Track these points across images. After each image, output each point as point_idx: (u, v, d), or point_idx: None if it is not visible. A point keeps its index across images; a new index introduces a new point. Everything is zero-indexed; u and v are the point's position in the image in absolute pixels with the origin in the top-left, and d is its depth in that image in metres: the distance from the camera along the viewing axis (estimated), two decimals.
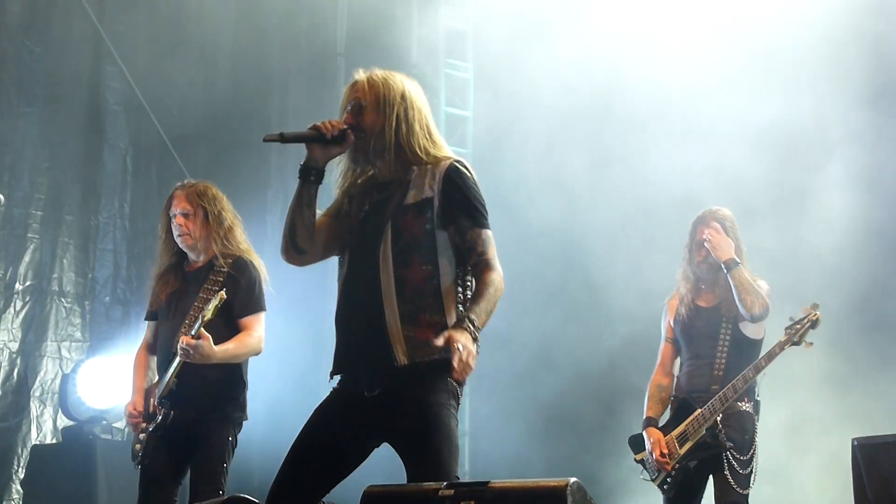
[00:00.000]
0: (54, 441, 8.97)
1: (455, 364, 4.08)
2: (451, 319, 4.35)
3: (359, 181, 4.64)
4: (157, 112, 9.99)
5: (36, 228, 9.09)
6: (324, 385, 4.57)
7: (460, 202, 4.42)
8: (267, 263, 6.21)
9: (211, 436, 6.25)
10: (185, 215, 6.44)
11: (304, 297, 10.62)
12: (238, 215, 6.70)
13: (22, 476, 8.69)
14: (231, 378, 6.36)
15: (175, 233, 6.44)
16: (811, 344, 6.65)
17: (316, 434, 4.44)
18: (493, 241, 4.44)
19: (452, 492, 3.83)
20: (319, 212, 4.64)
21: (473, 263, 4.42)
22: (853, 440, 5.56)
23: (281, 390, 10.02)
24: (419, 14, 11.78)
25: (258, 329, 6.44)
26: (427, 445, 4.27)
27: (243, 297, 6.36)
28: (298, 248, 4.61)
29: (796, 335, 6.62)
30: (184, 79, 10.29)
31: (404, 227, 4.38)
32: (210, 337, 6.02)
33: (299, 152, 4.58)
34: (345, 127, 4.48)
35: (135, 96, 9.84)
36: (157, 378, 6.44)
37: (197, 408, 6.23)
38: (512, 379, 10.91)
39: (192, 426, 6.24)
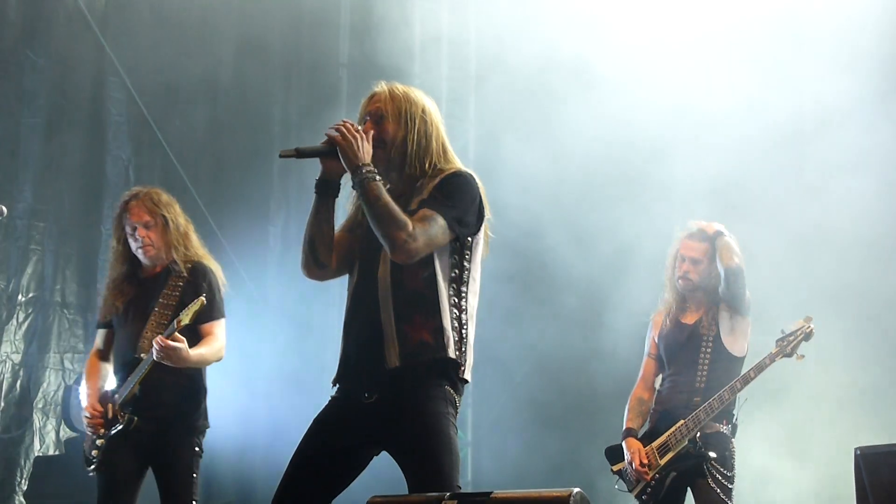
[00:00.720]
0: (57, 452, 8.97)
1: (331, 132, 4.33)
2: (447, 321, 4.39)
3: None
4: (159, 123, 10.00)
5: (38, 240, 9.09)
6: (325, 394, 4.58)
7: (436, 191, 4.45)
8: (270, 273, 6.22)
9: (178, 447, 6.22)
10: (146, 226, 6.39)
11: (305, 308, 10.65)
12: (189, 218, 6.64)
13: (25, 488, 8.68)
14: (193, 386, 6.33)
15: (135, 245, 6.39)
16: (803, 356, 6.67)
17: (315, 443, 4.46)
18: (436, 227, 4.35)
19: (455, 502, 3.83)
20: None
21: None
22: (856, 449, 5.55)
23: (282, 400, 10.01)
24: (422, 27, 11.79)
25: (221, 335, 6.41)
26: (427, 455, 4.29)
27: (205, 303, 6.26)
28: (319, 263, 4.61)
29: (788, 347, 6.64)
30: (186, 90, 10.30)
31: None
32: (185, 340, 6.00)
33: (299, 165, 4.61)
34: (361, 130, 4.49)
35: (137, 108, 9.84)
36: (109, 385, 6.38)
37: (161, 416, 6.19)
38: (513, 389, 10.91)
39: (156, 436, 6.19)
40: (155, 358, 5.98)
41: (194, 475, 6.21)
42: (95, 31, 9.60)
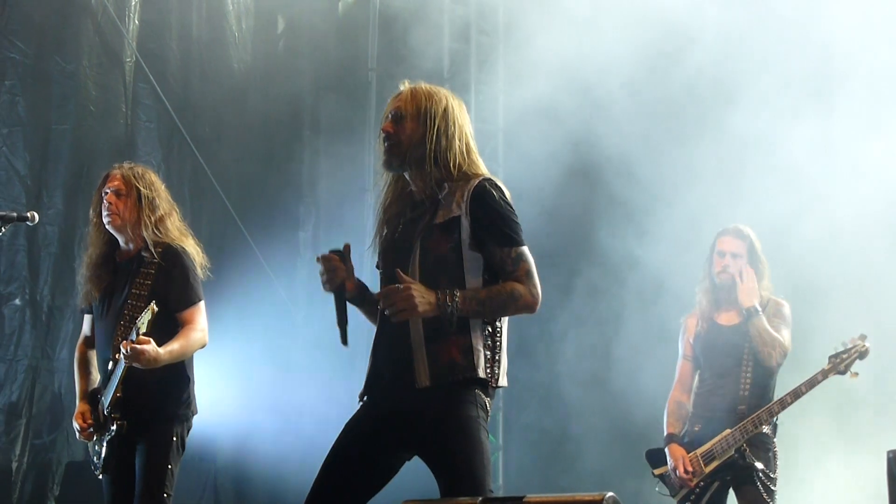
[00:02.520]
0: (88, 458, 8.97)
1: (381, 298, 4.28)
2: (477, 339, 4.36)
3: (396, 202, 4.62)
4: (189, 129, 10.01)
5: (69, 245, 9.11)
6: (356, 399, 4.58)
7: (487, 224, 4.40)
8: (300, 278, 6.10)
9: (154, 436, 5.99)
10: (117, 194, 6.19)
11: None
12: (176, 207, 6.42)
13: (57, 493, 8.70)
14: (172, 376, 6.06)
15: (104, 214, 6.19)
16: (857, 374, 6.64)
17: (347, 448, 4.45)
18: (528, 256, 4.42)
19: None
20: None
21: (505, 281, 4.41)
22: (888, 452, 5.52)
23: (314, 406, 10.01)
24: (450, 29, 11.79)
25: (200, 321, 6.14)
26: (459, 459, 4.27)
27: (178, 289, 6.09)
28: None
29: (842, 364, 6.63)
30: (216, 95, 10.32)
31: (432, 246, 4.38)
32: (152, 340, 5.77)
33: (330, 166, 4.60)
34: (334, 252, 4.55)
35: (167, 113, 9.86)
36: (99, 379, 6.25)
37: (141, 410, 5.98)
38: (546, 392, 10.88)
39: (135, 429, 5.99)
40: (124, 362, 5.81)
41: (169, 466, 5.97)
42: (125, 36, 9.63)
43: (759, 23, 9.82)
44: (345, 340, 4.46)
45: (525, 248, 4.42)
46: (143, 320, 5.74)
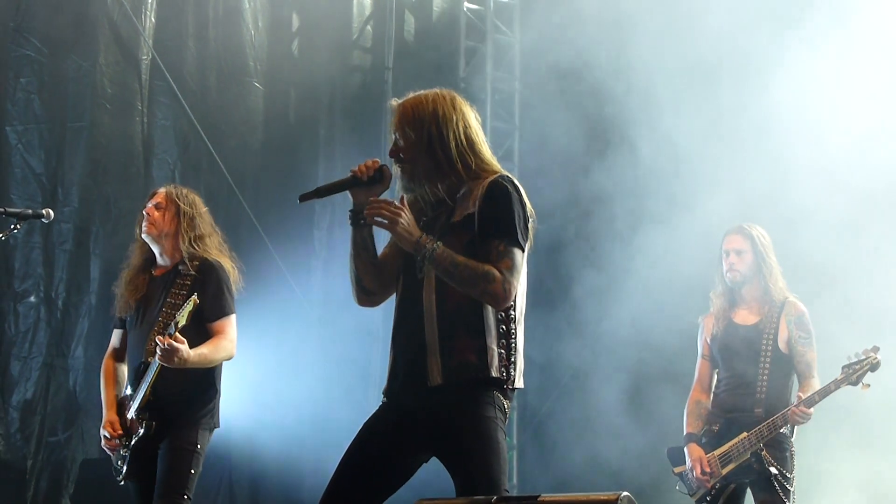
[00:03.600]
0: (103, 456, 8.98)
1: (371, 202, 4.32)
2: (491, 338, 4.34)
3: (416, 201, 4.59)
4: (204, 127, 10.01)
5: (84, 243, 9.11)
6: (374, 399, 4.57)
7: (491, 217, 4.36)
8: (315, 276, 6.10)
9: (177, 440, 6.08)
10: (157, 207, 6.33)
11: (351, 312, 10.63)
12: (218, 230, 6.56)
13: (71, 491, 8.71)
14: (202, 383, 6.19)
15: (143, 224, 6.33)
16: (868, 385, 6.63)
17: (365, 448, 4.44)
18: (518, 256, 4.34)
19: None
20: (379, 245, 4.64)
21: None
22: None
23: (330, 405, 10.00)
24: (467, 28, 11.78)
25: (230, 332, 6.26)
26: (475, 459, 4.26)
27: (211, 300, 6.18)
28: (367, 291, 4.62)
29: (853, 375, 6.62)
30: (232, 93, 10.33)
31: (449, 244, 4.33)
32: (185, 340, 5.88)
33: (346, 163, 4.57)
34: (379, 164, 4.47)
35: (183, 111, 9.86)
36: (128, 390, 6.31)
37: (169, 413, 6.07)
38: (559, 392, 10.86)
39: (161, 431, 6.08)
40: (157, 357, 5.89)
41: (192, 471, 6.06)
42: (142, 34, 9.63)
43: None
44: (303, 198, 4.47)
45: (518, 249, 4.34)
46: (184, 312, 5.86)
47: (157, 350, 5.89)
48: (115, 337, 6.57)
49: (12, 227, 6.23)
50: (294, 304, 10.28)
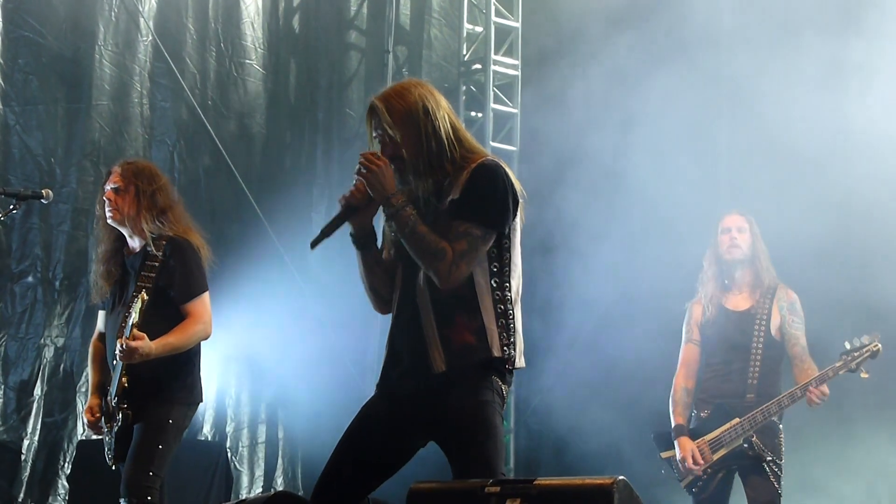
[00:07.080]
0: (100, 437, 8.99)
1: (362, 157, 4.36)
2: (489, 318, 4.33)
3: (408, 189, 4.57)
4: (204, 109, 10.00)
5: (82, 225, 9.11)
6: (371, 386, 4.57)
7: (463, 199, 4.35)
8: (314, 259, 6.04)
9: (149, 416, 6.03)
10: (116, 190, 6.20)
11: (349, 295, 10.63)
12: (180, 199, 6.48)
13: (68, 472, 8.70)
14: (177, 361, 6.11)
15: (105, 209, 6.23)
16: (867, 374, 6.61)
17: (361, 432, 4.45)
18: (477, 241, 4.31)
19: (498, 489, 3.84)
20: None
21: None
22: None
23: (326, 390, 10.01)
24: (468, 12, 11.76)
25: (203, 314, 6.17)
26: (473, 443, 4.27)
27: (181, 281, 6.12)
28: (385, 300, 4.61)
29: (853, 363, 6.61)
30: (231, 75, 10.31)
31: (440, 231, 4.32)
32: (145, 336, 5.84)
33: (344, 150, 4.55)
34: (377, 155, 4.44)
35: (183, 93, 9.85)
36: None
37: (143, 396, 6.02)
38: (557, 375, 10.85)
39: (138, 414, 6.03)
40: (119, 359, 5.89)
41: (160, 446, 5.99)
42: (141, 14, 9.61)
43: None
44: (314, 244, 4.44)
45: (480, 233, 4.30)
46: (135, 309, 5.82)
47: (117, 352, 5.88)
48: (100, 319, 6.52)
49: (11, 207, 6.24)
50: (291, 285, 10.27)
